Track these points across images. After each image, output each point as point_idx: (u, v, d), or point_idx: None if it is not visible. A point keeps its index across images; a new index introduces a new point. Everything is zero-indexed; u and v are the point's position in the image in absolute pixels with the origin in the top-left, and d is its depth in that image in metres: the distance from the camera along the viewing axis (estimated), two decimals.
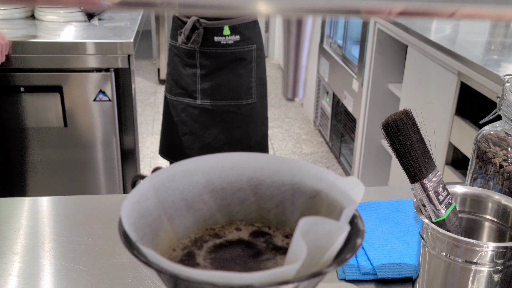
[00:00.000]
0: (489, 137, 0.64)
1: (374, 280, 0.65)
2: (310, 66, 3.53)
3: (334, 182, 0.32)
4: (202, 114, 1.78)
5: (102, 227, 0.74)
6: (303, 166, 0.34)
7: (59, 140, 1.80)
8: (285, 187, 0.34)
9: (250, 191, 0.34)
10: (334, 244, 0.26)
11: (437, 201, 0.54)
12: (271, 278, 0.24)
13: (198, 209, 0.33)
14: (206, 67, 1.72)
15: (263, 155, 0.35)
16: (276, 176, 0.34)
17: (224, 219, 0.34)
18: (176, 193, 0.33)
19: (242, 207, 0.34)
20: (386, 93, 2.43)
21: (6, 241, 0.71)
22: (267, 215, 0.34)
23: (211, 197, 0.34)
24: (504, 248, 0.50)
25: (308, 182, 0.33)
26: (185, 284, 0.25)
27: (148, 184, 0.31)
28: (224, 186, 0.34)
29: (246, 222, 0.35)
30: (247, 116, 1.80)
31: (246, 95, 1.77)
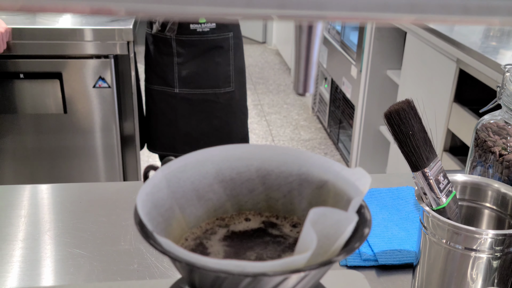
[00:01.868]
0: (489, 126, 0.65)
1: (375, 266, 0.66)
2: None
3: (340, 173, 0.33)
4: (180, 103, 1.78)
5: (106, 214, 0.75)
6: (310, 157, 0.35)
7: (59, 127, 1.81)
8: (292, 178, 0.35)
9: (258, 182, 0.35)
10: (343, 234, 0.27)
11: (438, 189, 0.55)
12: (283, 266, 0.25)
13: (208, 199, 0.34)
14: (183, 55, 1.72)
15: (271, 146, 0.36)
16: (283, 166, 0.35)
17: (234, 208, 0.35)
18: (187, 183, 0.33)
19: (250, 197, 0.35)
20: (385, 80, 2.43)
21: (10, 228, 0.72)
22: (275, 204, 0.35)
23: (220, 187, 0.35)
24: (503, 236, 0.51)
25: (315, 173, 0.34)
26: (200, 272, 0.26)
27: (160, 175, 0.32)
28: (233, 176, 0.35)
29: (254, 211, 0.35)
30: (226, 105, 1.80)
31: (225, 83, 1.77)
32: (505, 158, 0.60)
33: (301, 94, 0.27)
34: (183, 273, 0.28)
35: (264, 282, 0.26)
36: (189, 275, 0.28)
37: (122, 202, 0.78)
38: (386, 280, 0.64)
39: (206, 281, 0.27)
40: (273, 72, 4.38)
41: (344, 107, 2.85)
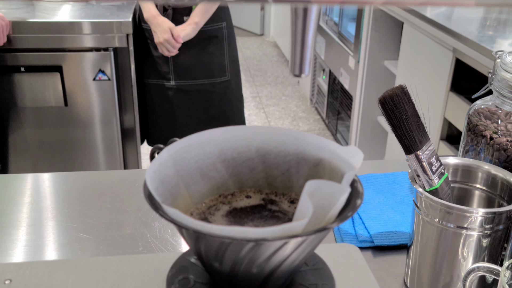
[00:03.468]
0: (481, 111, 0.67)
1: (371, 247, 0.69)
2: None
3: (335, 151, 0.35)
4: (177, 95, 1.80)
5: (111, 201, 0.77)
6: (306, 137, 0.37)
7: (60, 120, 1.83)
8: (290, 157, 0.37)
9: (258, 161, 0.38)
10: (337, 204, 0.29)
11: (431, 171, 0.57)
12: (282, 232, 0.27)
13: (211, 177, 0.37)
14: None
15: (271, 128, 0.38)
16: (282, 146, 0.37)
17: (235, 186, 0.38)
18: (192, 162, 0.36)
19: (251, 175, 0.38)
20: (382, 70, 2.45)
21: (17, 214, 0.74)
22: (274, 182, 0.37)
23: (223, 166, 0.37)
24: (492, 214, 0.54)
25: (312, 152, 0.36)
26: (205, 239, 0.29)
27: (167, 154, 0.34)
28: (235, 156, 0.37)
29: (255, 189, 0.38)
30: (222, 94, 1.83)
31: (220, 73, 1.79)
32: (495, 141, 0.63)
33: (297, 75, 0.29)
34: (189, 241, 0.31)
35: (265, 247, 0.28)
36: (196, 243, 0.30)
37: (125, 189, 0.80)
38: (382, 260, 0.67)
39: (212, 248, 0.29)
40: (271, 64, 4.39)
41: (342, 98, 2.87)
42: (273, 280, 0.32)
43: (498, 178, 0.59)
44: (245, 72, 4.13)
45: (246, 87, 3.83)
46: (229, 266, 0.30)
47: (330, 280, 0.35)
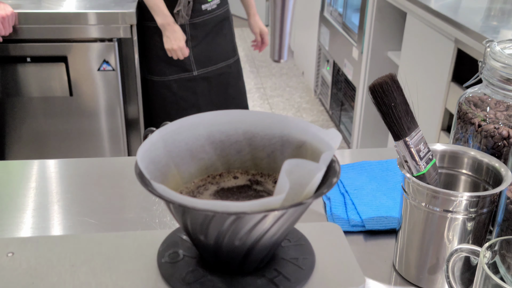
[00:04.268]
0: (471, 99, 0.69)
1: (363, 232, 0.71)
2: (310, 34, 3.54)
3: (317, 134, 0.37)
4: (199, 84, 1.83)
5: (112, 186, 0.80)
6: (291, 121, 0.39)
7: (65, 109, 1.86)
8: (275, 139, 0.39)
9: (245, 143, 0.40)
10: (312, 181, 0.31)
11: (418, 157, 0.59)
12: (261, 206, 0.30)
13: (200, 158, 0.39)
14: (196, 37, 1.76)
15: (257, 112, 0.40)
16: (267, 130, 0.39)
17: (223, 167, 0.40)
18: (182, 144, 0.38)
19: (238, 157, 0.40)
20: (386, 61, 2.46)
21: (22, 198, 0.76)
22: (260, 163, 0.40)
23: (211, 148, 0.39)
24: (476, 198, 0.56)
25: (295, 135, 0.38)
26: (191, 213, 0.31)
27: (158, 136, 0.36)
28: (223, 138, 0.39)
29: (242, 170, 0.40)
30: (236, 72, 1.89)
31: (232, 52, 1.85)
32: (483, 128, 0.65)
33: (277, 60, 0.31)
34: (177, 216, 0.33)
35: (246, 220, 0.30)
36: (182, 218, 0.32)
37: (127, 175, 0.83)
38: (372, 244, 0.69)
39: (197, 222, 0.32)
40: None
41: (345, 89, 2.89)
42: (255, 253, 0.34)
43: (483, 163, 0.61)
44: (250, 63, 4.15)
45: (251, 78, 3.85)
46: (213, 239, 0.32)
47: (311, 255, 0.37)
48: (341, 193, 0.77)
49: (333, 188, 0.78)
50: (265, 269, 0.36)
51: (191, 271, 0.35)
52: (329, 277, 0.35)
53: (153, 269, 0.36)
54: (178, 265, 0.36)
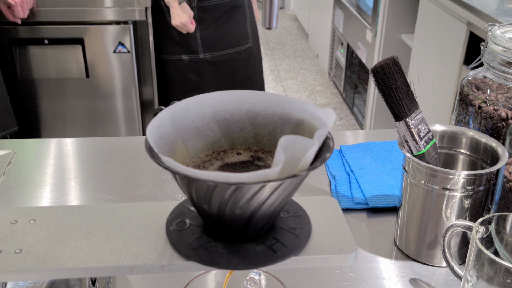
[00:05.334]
0: (473, 81, 0.71)
1: (366, 209, 0.74)
2: (325, 17, 3.53)
3: (314, 113, 0.40)
4: (205, 67, 1.84)
5: (127, 164, 0.83)
6: (291, 101, 0.42)
7: (81, 91, 1.90)
8: (276, 118, 0.42)
9: (248, 121, 0.43)
10: (306, 155, 0.34)
11: (418, 137, 0.62)
12: (258, 177, 0.32)
13: (206, 135, 0.42)
14: (205, 21, 1.76)
15: (259, 93, 0.43)
16: (269, 109, 0.42)
17: (227, 143, 0.43)
18: (189, 122, 0.41)
19: (241, 134, 0.43)
20: (399, 44, 2.46)
21: (41, 175, 0.80)
22: (262, 140, 0.43)
23: (216, 126, 0.42)
24: (473, 176, 0.58)
25: (294, 114, 0.41)
26: (195, 183, 0.34)
27: (166, 114, 0.39)
28: (227, 117, 0.42)
29: (245, 146, 0.43)
30: (247, 60, 1.88)
31: (244, 40, 1.84)
32: (483, 110, 0.67)
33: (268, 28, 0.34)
34: (183, 187, 0.36)
35: (245, 190, 0.33)
36: (188, 188, 0.35)
37: (141, 154, 0.86)
38: (375, 221, 0.72)
39: (200, 192, 0.35)
40: (290, 37, 4.40)
41: (359, 72, 2.89)
42: (254, 221, 0.37)
43: (481, 143, 0.63)
44: (264, 46, 4.15)
45: (265, 60, 3.86)
46: (216, 208, 0.35)
47: (308, 225, 0.40)
48: (346, 172, 0.80)
49: (338, 168, 0.80)
50: (264, 237, 0.39)
51: (197, 238, 0.39)
52: (324, 245, 0.38)
53: (162, 236, 0.39)
54: (185, 233, 0.39)
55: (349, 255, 0.38)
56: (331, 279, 0.61)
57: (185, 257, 0.37)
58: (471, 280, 0.55)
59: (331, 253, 0.38)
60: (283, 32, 4.52)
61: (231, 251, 0.37)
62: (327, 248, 0.38)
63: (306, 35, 4.38)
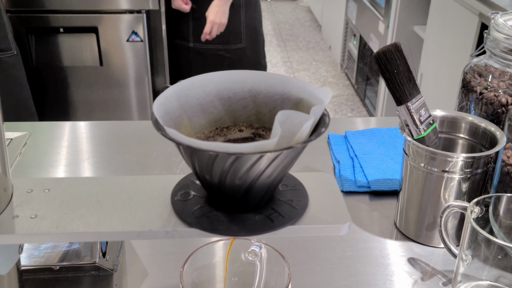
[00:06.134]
0: (475, 69, 0.72)
1: (368, 192, 0.76)
2: (338, 9, 3.53)
3: (313, 92, 0.42)
4: (195, 57, 1.85)
5: (137, 146, 0.86)
6: (290, 81, 0.44)
7: (95, 79, 1.93)
8: (276, 97, 0.44)
9: (250, 100, 0.45)
10: (302, 129, 0.36)
11: (419, 121, 0.63)
12: (256, 148, 0.35)
13: (210, 112, 0.44)
14: (197, 10, 1.77)
15: (261, 73, 0.45)
16: (270, 88, 0.44)
17: (230, 120, 0.45)
18: (193, 99, 0.43)
19: (244, 112, 0.45)
20: (411, 35, 2.46)
21: (56, 155, 0.83)
22: (263, 118, 0.45)
23: (220, 104, 0.44)
24: (471, 158, 0.60)
25: (294, 92, 0.43)
26: (197, 154, 0.36)
27: (172, 91, 0.42)
28: (230, 95, 0.45)
29: (247, 123, 0.45)
30: (237, 60, 1.86)
31: (235, 39, 1.82)
32: (484, 96, 0.68)
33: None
34: (186, 158, 0.38)
35: (243, 160, 0.35)
36: (191, 159, 0.38)
37: (152, 137, 0.89)
38: (376, 204, 0.74)
39: (202, 162, 0.37)
40: (303, 29, 4.40)
41: (371, 64, 2.89)
42: (253, 192, 0.39)
43: (481, 128, 0.65)
44: (277, 37, 4.16)
45: (278, 51, 3.87)
46: (217, 178, 0.38)
47: (305, 197, 0.43)
48: (350, 157, 0.82)
49: (343, 152, 0.82)
50: (263, 208, 0.41)
51: (199, 208, 0.41)
52: (319, 215, 0.41)
53: (167, 205, 0.42)
54: (189, 203, 0.42)
55: (343, 226, 0.40)
56: (331, 256, 0.64)
57: (188, 224, 0.40)
58: (466, 259, 0.57)
59: (325, 223, 0.40)
60: (296, 23, 4.53)
61: (231, 220, 0.40)
62: (322, 218, 0.40)
63: (319, 27, 4.38)
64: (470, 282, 0.59)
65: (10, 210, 0.41)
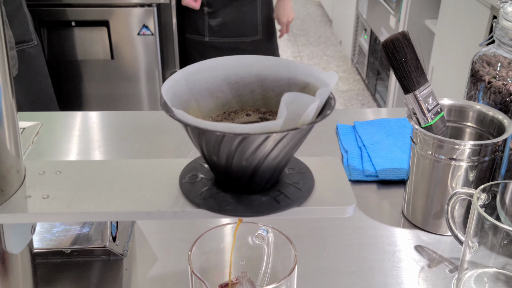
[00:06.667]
0: (484, 58, 0.72)
1: (376, 181, 0.76)
2: (349, 3, 3.52)
3: (319, 76, 0.43)
4: (209, 51, 1.85)
5: (148, 136, 0.87)
6: (297, 65, 0.44)
7: (106, 72, 1.95)
8: (283, 81, 0.45)
9: (257, 85, 0.45)
10: (307, 110, 0.37)
11: (426, 109, 0.64)
12: (262, 128, 0.35)
13: (218, 96, 0.45)
14: (213, 5, 1.78)
15: (268, 58, 0.45)
16: (277, 73, 0.45)
17: (238, 105, 0.46)
18: (202, 83, 0.44)
19: (251, 96, 0.46)
20: (423, 29, 2.45)
21: (67, 144, 0.85)
22: (270, 102, 0.45)
23: (228, 88, 0.45)
24: (479, 146, 0.60)
25: (300, 77, 0.44)
26: (204, 134, 0.37)
27: (181, 74, 0.42)
28: (238, 80, 0.45)
29: (254, 108, 0.46)
30: (253, 52, 1.87)
31: (252, 31, 1.83)
32: (492, 85, 0.68)
33: None
34: (194, 140, 0.39)
35: (250, 141, 0.36)
36: (198, 140, 0.38)
37: (163, 127, 0.90)
38: (384, 192, 0.74)
39: (210, 142, 0.38)
40: (314, 24, 4.39)
41: (382, 58, 2.88)
42: (260, 174, 0.40)
43: (488, 116, 0.65)
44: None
45: (288, 46, 3.87)
46: (224, 159, 0.39)
47: (311, 180, 0.43)
48: (358, 146, 0.82)
49: (351, 142, 0.83)
50: (269, 190, 0.42)
51: (207, 189, 0.42)
52: (325, 197, 0.41)
53: (175, 187, 0.42)
54: (196, 185, 0.42)
55: (348, 207, 0.41)
56: (338, 243, 0.64)
57: (196, 205, 0.40)
58: (472, 246, 0.57)
59: (331, 204, 0.41)
60: (307, 18, 4.52)
61: (238, 201, 0.40)
62: (328, 200, 0.41)
63: (330, 22, 4.36)
64: (477, 269, 0.59)
65: (23, 190, 0.42)
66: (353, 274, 0.60)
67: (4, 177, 0.40)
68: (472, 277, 0.59)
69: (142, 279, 0.59)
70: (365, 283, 0.58)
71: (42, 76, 1.54)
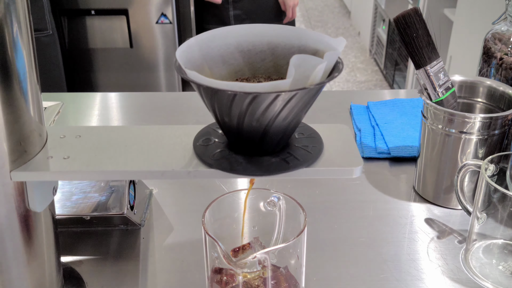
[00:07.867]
0: (497, 35, 0.73)
1: (388, 158, 0.77)
2: None
3: (328, 42, 0.44)
4: None
5: (165, 116, 0.89)
6: (307, 33, 0.46)
7: (125, 61, 1.98)
8: (294, 49, 0.46)
9: (269, 52, 0.47)
10: (315, 71, 0.38)
11: (437, 85, 0.65)
12: (272, 87, 0.37)
13: (230, 64, 0.46)
14: None
15: (279, 26, 0.47)
16: (288, 40, 0.46)
17: (250, 72, 0.47)
18: (215, 50, 0.46)
19: (262, 64, 0.47)
20: (441, 18, 2.43)
21: (85, 124, 0.87)
22: (281, 69, 0.47)
23: (240, 56, 0.47)
24: (489, 119, 0.61)
25: (311, 44, 0.45)
26: (216, 94, 0.39)
27: (194, 41, 0.44)
28: (250, 48, 0.47)
29: (265, 75, 0.47)
30: None
31: (276, 16, 1.85)
32: (504, 61, 0.68)
33: None
34: (207, 101, 0.41)
35: (260, 99, 0.38)
36: (211, 101, 0.40)
37: (179, 107, 0.92)
38: (396, 169, 0.75)
39: (222, 103, 0.39)
40: (332, 15, 4.38)
41: (400, 49, 2.87)
42: (270, 135, 0.41)
43: (498, 91, 0.66)
44: (306, 23, 4.15)
45: None
46: (236, 120, 0.40)
47: (320, 144, 0.45)
48: (371, 125, 0.83)
49: (364, 121, 0.84)
50: (280, 152, 0.43)
51: (220, 151, 0.44)
52: (333, 159, 0.43)
53: (189, 149, 0.44)
54: (209, 147, 0.44)
55: (355, 168, 0.42)
56: (350, 216, 0.65)
57: (209, 166, 0.42)
58: (480, 217, 0.58)
59: (339, 166, 0.42)
60: (326, 10, 4.51)
61: (249, 161, 0.42)
62: (336, 161, 0.42)
63: (348, 13, 4.35)
64: (485, 241, 0.60)
65: (45, 152, 0.44)
66: (364, 244, 0.61)
67: (27, 137, 0.42)
68: (481, 248, 0.60)
69: (159, 247, 0.61)
70: (375, 253, 0.60)
71: (54, 65, 1.57)
